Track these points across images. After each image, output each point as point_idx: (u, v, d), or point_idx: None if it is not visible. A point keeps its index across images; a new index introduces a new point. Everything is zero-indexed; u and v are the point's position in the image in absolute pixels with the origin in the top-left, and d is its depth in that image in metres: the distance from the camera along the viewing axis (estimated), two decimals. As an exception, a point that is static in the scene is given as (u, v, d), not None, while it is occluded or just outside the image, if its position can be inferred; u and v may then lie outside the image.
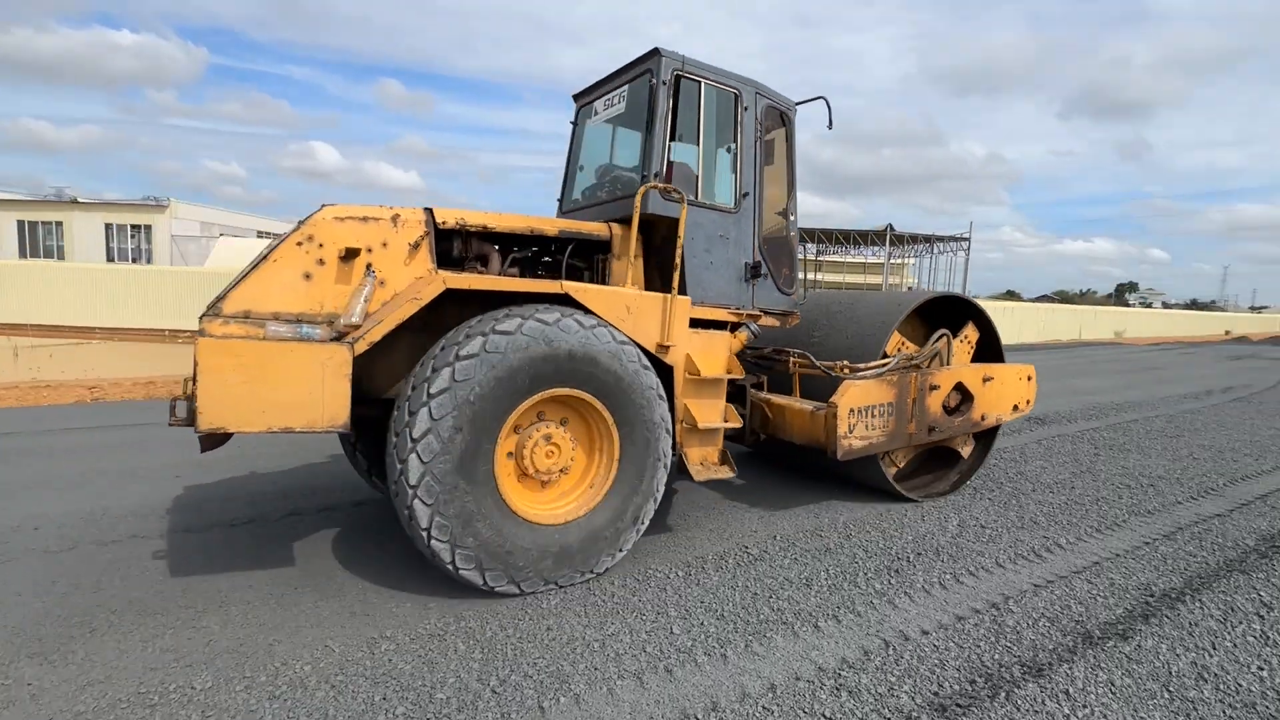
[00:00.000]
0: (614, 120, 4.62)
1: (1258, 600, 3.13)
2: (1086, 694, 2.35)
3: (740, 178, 4.34)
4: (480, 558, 2.99)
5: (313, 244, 3.14)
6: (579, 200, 4.85)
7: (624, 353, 3.36)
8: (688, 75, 4.08)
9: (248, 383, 2.74)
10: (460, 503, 2.94)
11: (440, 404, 2.88)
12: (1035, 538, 4.03)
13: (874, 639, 2.80)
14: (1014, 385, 5.18)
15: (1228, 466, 5.88)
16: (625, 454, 3.40)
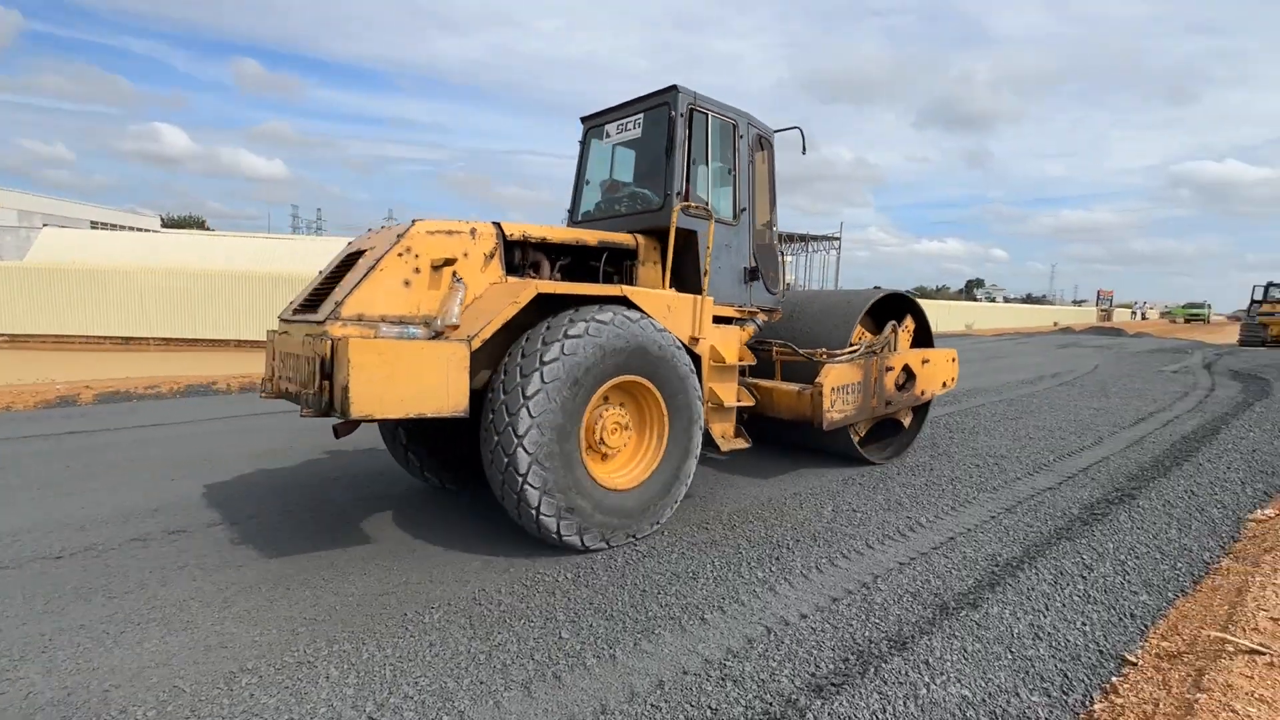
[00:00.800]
0: (627, 143, 5.19)
1: (1081, 563, 3.55)
2: (943, 661, 2.56)
3: (737, 195, 5.06)
4: (578, 524, 3.58)
5: (410, 255, 3.60)
6: (592, 212, 5.42)
7: (672, 345, 4.01)
8: (698, 108, 4.74)
9: (389, 377, 3.14)
10: (560, 480, 3.48)
11: (537, 403, 3.38)
12: (900, 518, 4.35)
13: (757, 626, 2.90)
14: (944, 366, 6.33)
15: (1057, 444, 6.63)
16: (673, 428, 4.06)
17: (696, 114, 4.73)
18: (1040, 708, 2.40)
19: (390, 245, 3.60)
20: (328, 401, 3.18)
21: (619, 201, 5.24)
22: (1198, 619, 3.09)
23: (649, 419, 4.06)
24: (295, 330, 3.71)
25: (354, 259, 3.87)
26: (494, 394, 3.51)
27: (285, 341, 3.77)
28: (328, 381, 3.17)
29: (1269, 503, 4.88)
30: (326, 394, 3.17)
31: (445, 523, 4.16)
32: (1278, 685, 2.39)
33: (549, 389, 3.41)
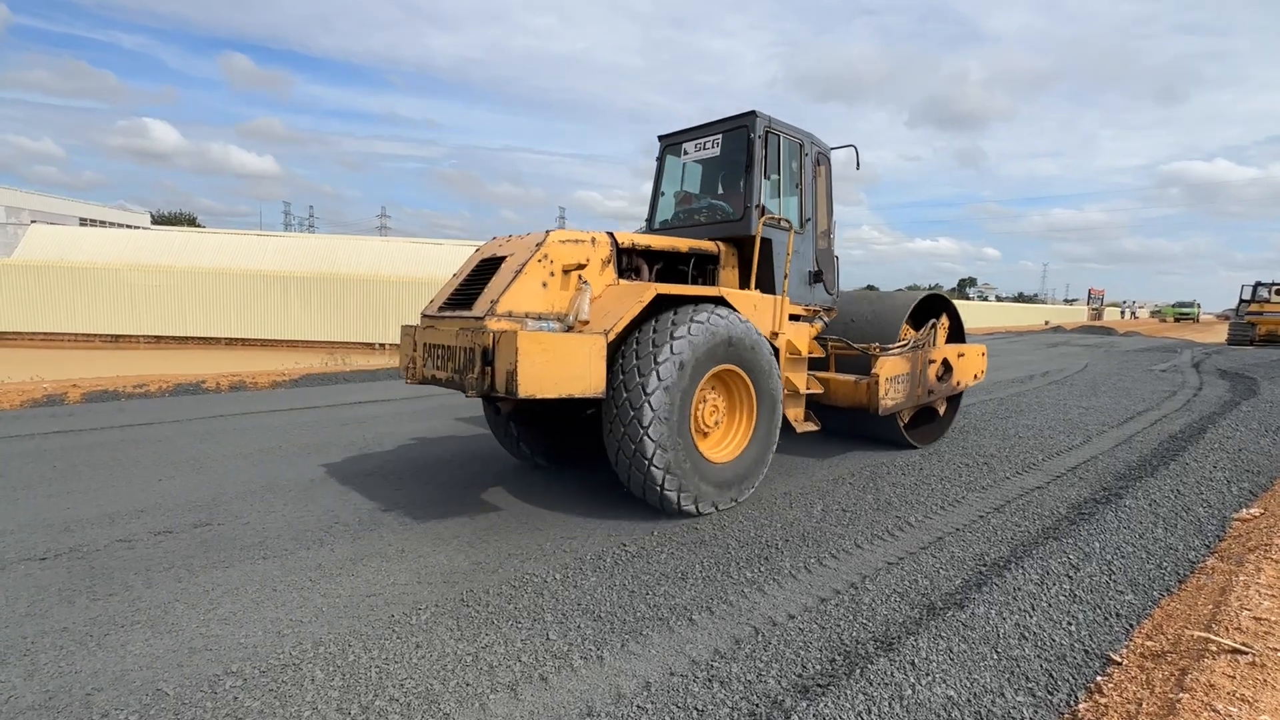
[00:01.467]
0: (705, 160, 5.83)
1: (1067, 563, 3.56)
2: (929, 662, 2.56)
3: (803, 206, 5.69)
4: (693, 495, 4.21)
5: (547, 261, 4.20)
6: (669, 221, 6.04)
7: (760, 338, 4.59)
8: (773, 130, 5.36)
9: (548, 364, 3.66)
10: (677, 460, 4.08)
11: (657, 398, 3.95)
12: (889, 518, 4.36)
13: (745, 627, 2.91)
14: (975, 360, 7.05)
15: (1046, 443, 6.66)
16: (760, 410, 4.66)
17: (771, 135, 5.37)
18: (1025, 708, 2.41)
19: (531, 253, 4.21)
20: (490, 384, 3.72)
21: (697, 212, 5.87)
22: (1182, 618, 3.11)
23: (737, 402, 4.69)
24: (444, 325, 4.29)
25: (489, 264, 4.51)
26: (616, 392, 4.04)
27: (431, 335, 4.32)
28: (489, 368, 3.71)
29: (1254, 502, 4.92)
30: (489, 379, 3.72)
31: (435, 526, 4.14)
32: (1259, 685, 2.41)
33: (666, 384, 4.00)
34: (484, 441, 6.42)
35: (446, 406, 8.48)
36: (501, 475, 5.24)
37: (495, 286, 4.15)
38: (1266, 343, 24.02)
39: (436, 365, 4.24)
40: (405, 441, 6.39)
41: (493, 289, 4.15)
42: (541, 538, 3.92)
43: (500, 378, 3.64)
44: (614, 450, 4.14)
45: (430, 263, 39.38)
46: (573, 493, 4.79)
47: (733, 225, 5.35)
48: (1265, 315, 24.72)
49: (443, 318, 4.42)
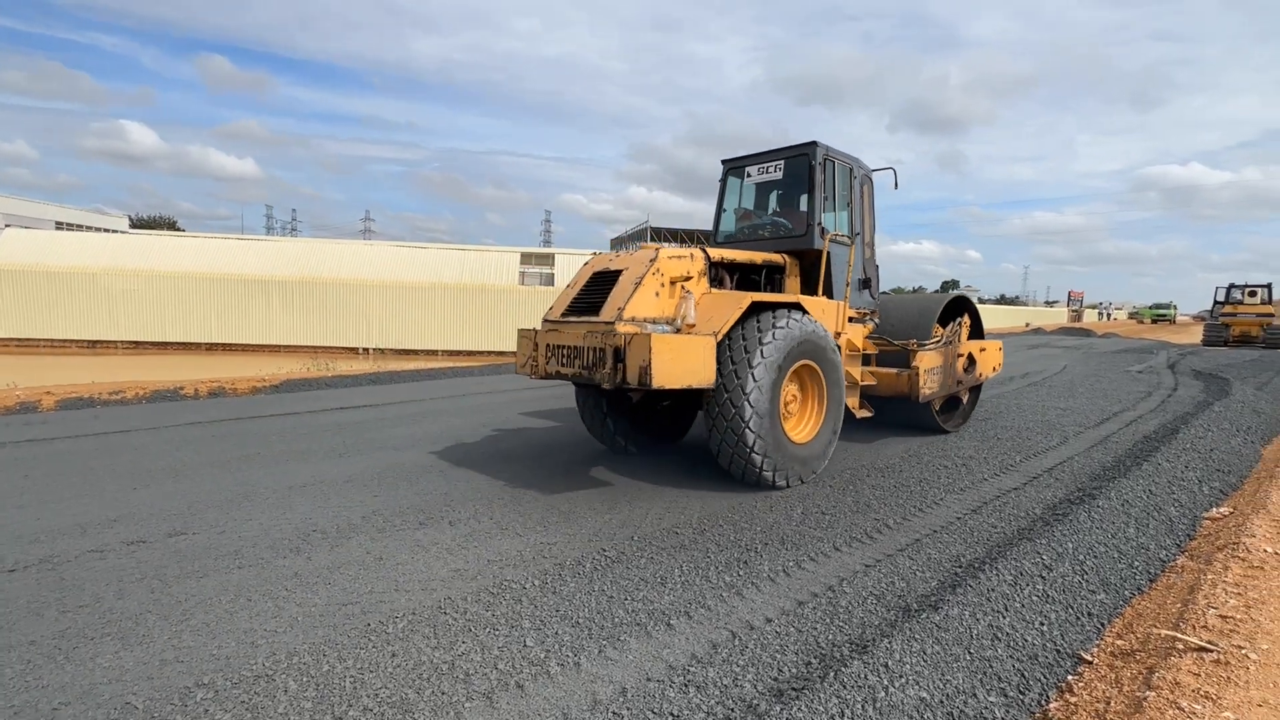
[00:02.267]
0: (767, 184, 6.69)
1: (1040, 563, 3.61)
2: (903, 664, 2.59)
3: (853, 222, 6.43)
4: (783, 473, 4.97)
5: (659, 274, 5.01)
6: (733, 234, 6.87)
7: (829, 337, 5.37)
8: (829, 158, 6.14)
9: (674, 360, 4.37)
10: (770, 444, 4.83)
11: (755, 391, 4.69)
12: (868, 520, 4.40)
13: (722, 631, 2.92)
14: (994, 354, 7.95)
15: (1024, 444, 6.74)
16: (829, 398, 5.42)
17: (827, 161, 6.13)
18: (997, 708, 2.44)
19: (646, 268, 4.99)
20: (623, 378, 4.43)
21: (761, 228, 6.65)
22: (1151, 617, 3.16)
23: (809, 391, 5.45)
24: (568, 329, 5.02)
25: (603, 276, 5.29)
26: (718, 391, 4.75)
27: (555, 337, 5.05)
28: (621, 364, 4.41)
29: (1224, 501, 5.01)
30: (621, 373, 4.43)
31: (414, 534, 4.12)
32: (1223, 682, 2.46)
33: (762, 384, 4.73)
34: (470, 449, 6.40)
35: (432, 411, 8.44)
36: (485, 483, 5.22)
37: (619, 296, 4.93)
38: (1240, 343, 24.48)
39: (561, 363, 4.96)
40: (387, 447, 6.35)
41: (617, 298, 4.92)
42: (521, 544, 3.91)
43: (633, 372, 4.35)
44: (718, 435, 4.86)
45: (416, 267, 39.22)
46: (555, 499, 4.79)
47: (797, 240, 6.15)
48: (1239, 316, 25.20)
49: (568, 322, 5.17)
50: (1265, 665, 2.57)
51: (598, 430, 6.11)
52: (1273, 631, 2.87)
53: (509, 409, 8.74)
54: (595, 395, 5.89)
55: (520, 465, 5.72)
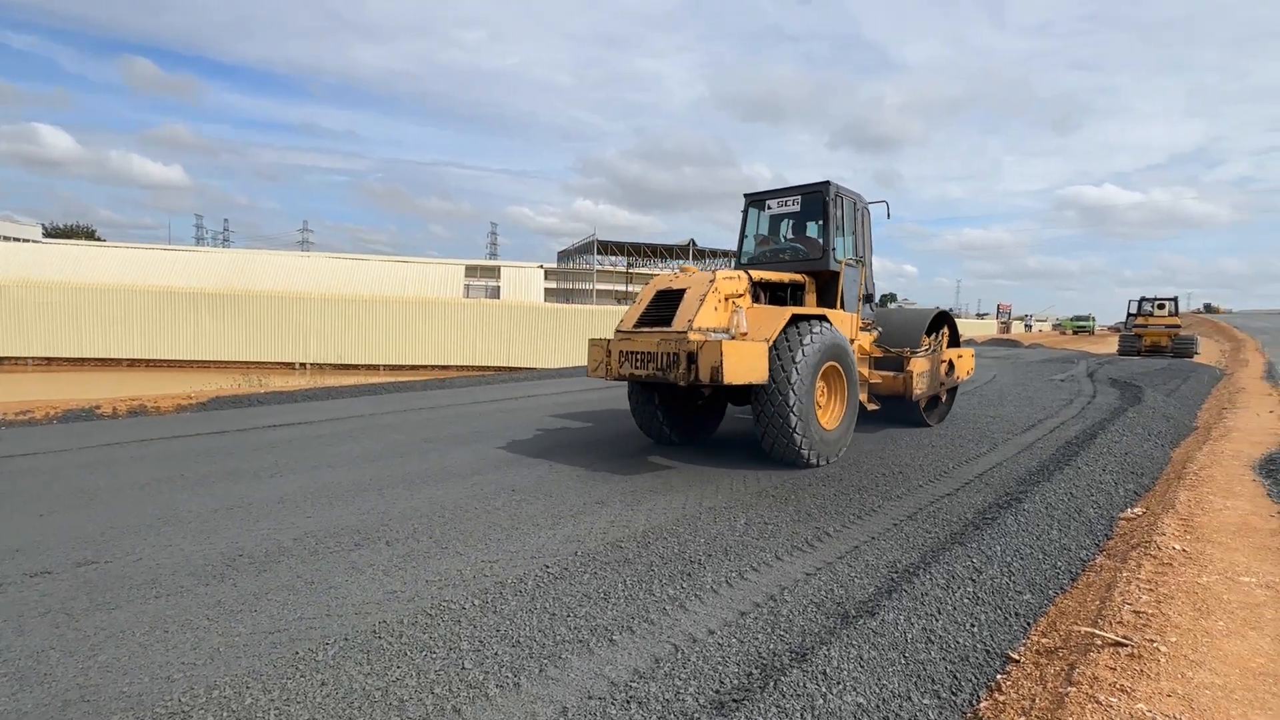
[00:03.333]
0: (785, 215, 7.90)
1: (971, 566, 3.74)
2: (840, 671, 2.63)
3: (857, 247, 7.75)
4: (816, 453, 6.08)
5: (718, 293, 6.11)
6: (755, 257, 7.91)
7: (848, 343, 6.60)
8: (839, 194, 7.33)
9: (739, 361, 5.39)
10: (807, 430, 5.91)
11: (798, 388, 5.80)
12: (809, 529, 4.47)
13: (665, 645, 2.91)
14: (968, 360, 9.24)
15: (956, 451, 7.00)
16: (849, 393, 6.64)
17: (838, 197, 7.30)
18: (931, 709, 2.51)
19: (707, 287, 6.11)
20: (695, 376, 5.39)
21: (781, 252, 7.81)
22: (1073, 615, 3.31)
23: (834, 387, 6.63)
24: (640, 338, 6.04)
25: (667, 294, 6.37)
26: (769, 386, 5.81)
27: (627, 344, 6.03)
28: (694, 365, 5.39)
29: (1138, 502, 5.31)
30: (694, 372, 5.39)
31: (349, 555, 3.97)
32: (1137, 675, 2.59)
33: (804, 380, 5.86)
34: (411, 466, 6.23)
35: (372, 428, 8.19)
36: (425, 501, 5.08)
37: (687, 310, 6.01)
38: (1151, 353, 26.09)
39: (635, 366, 5.92)
40: (322, 466, 6.12)
41: (685, 311, 5.99)
42: (461, 563, 3.81)
43: (705, 371, 5.32)
44: (766, 422, 5.94)
45: (356, 279, 38.23)
46: (497, 515, 4.70)
47: (815, 263, 7.32)
48: (1149, 328, 26.88)
49: (640, 332, 6.19)
50: (1174, 657, 2.72)
51: (648, 424, 7.06)
52: (1181, 625, 3.04)
53: (452, 424, 8.56)
54: (650, 396, 6.92)
55: (463, 482, 5.60)
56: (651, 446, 7.09)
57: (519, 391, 12.32)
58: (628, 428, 8.26)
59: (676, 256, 50.89)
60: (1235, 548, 4.07)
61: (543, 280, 57.01)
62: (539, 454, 6.69)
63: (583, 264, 49.51)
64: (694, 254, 47.38)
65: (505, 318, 28.25)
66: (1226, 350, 28.29)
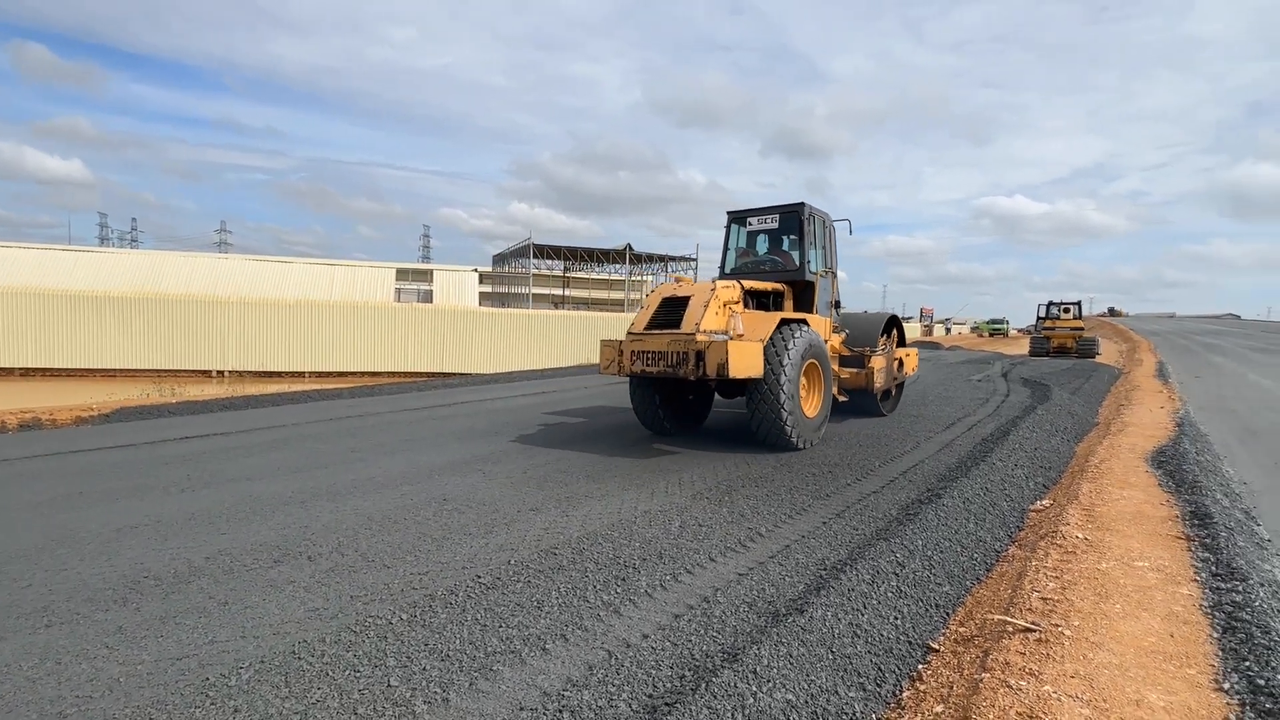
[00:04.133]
0: (763, 230, 8.90)
1: (895, 561, 3.89)
2: (770, 669, 2.68)
3: (826, 260, 8.86)
4: (801, 437, 7.04)
5: (718, 299, 7.01)
6: (737, 268, 8.91)
7: (824, 343, 7.72)
8: (812, 214, 8.44)
9: (741, 358, 6.32)
10: (794, 417, 6.91)
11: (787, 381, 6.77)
12: (742, 530, 4.54)
13: (599, 651, 2.89)
14: (914, 359, 10.67)
15: (882, 450, 7.27)
16: (825, 386, 7.72)
17: (811, 216, 8.41)
18: (857, 702, 2.58)
19: (709, 295, 7.04)
20: (703, 372, 6.28)
21: (761, 264, 8.84)
22: (988, 604, 3.48)
23: (812, 381, 7.67)
24: (651, 338, 6.94)
25: (672, 301, 7.32)
26: (764, 379, 6.78)
27: (639, 344, 6.95)
28: (702, 362, 6.28)
29: (1046, 494, 5.64)
30: (702, 368, 6.29)
31: (268, 573, 3.79)
32: (1044, 659, 2.74)
33: (791, 374, 6.87)
34: (336, 477, 5.99)
35: (294, 438, 7.83)
36: (350, 513, 4.90)
37: (693, 314, 6.91)
38: (1059, 353, 27.82)
39: (646, 363, 6.83)
40: (239, 479, 5.81)
41: (692, 316, 6.90)
42: (389, 576, 3.69)
43: (712, 367, 6.25)
44: (760, 411, 6.91)
45: (280, 282, 36.69)
46: (428, 526, 4.57)
47: (793, 274, 8.41)
48: (1056, 330, 28.65)
49: (650, 334, 7.08)
50: (1076, 640, 2.89)
51: (648, 417, 7.95)
52: (1083, 609, 3.24)
53: (381, 433, 8.29)
54: (650, 392, 7.81)
55: (391, 492, 5.42)
56: (585, 449, 7.06)
57: (452, 398, 12.05)
58: (564, 433, 8.20)
59: (613, 261, 50.98)
60: (1131, 535, 4.38)
61: (477, 284, 56.09)
62: (471, 462, 6.56)
63: (518, 268, 48.93)
64: (630, 258, 47.57)
65: (438, 322, 27.60)
66: (1124, 351, 30.48)
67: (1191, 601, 3.36)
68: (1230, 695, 2.51)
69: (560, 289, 58.98)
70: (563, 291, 58.88)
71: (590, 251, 48.44)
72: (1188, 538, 4.30)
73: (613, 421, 9.17)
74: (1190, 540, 4.25)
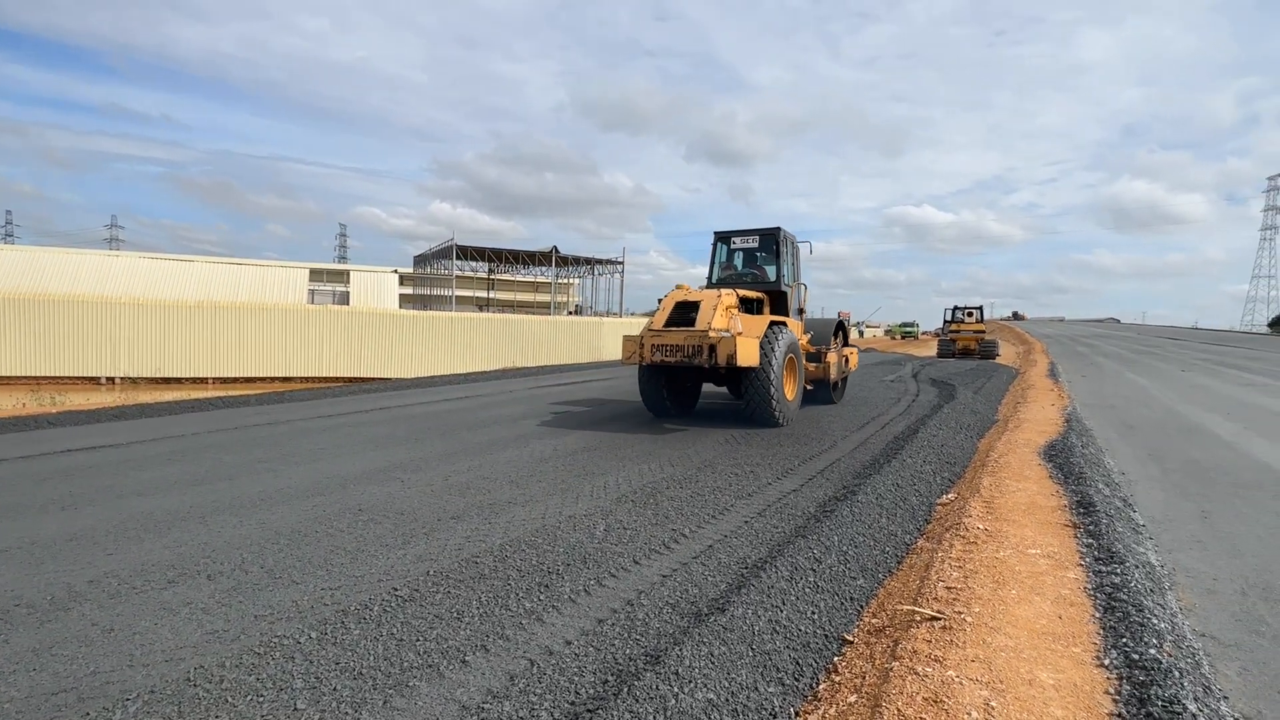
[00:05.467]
0: (744, 248, 10.84)
1: (812, 557, 4.01)
2: (692, 670, 2.71)
3: (794, 273, 10.80)
4: (784, 414, 8.93)
5: (723, 304, 8.69)
6: (725, 279, 10.63)
7: (798, 341, 9.78)
8: (785, 236, 10.35)
9: (744, 351, 8.08)
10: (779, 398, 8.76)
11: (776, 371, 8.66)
12: (666, 531, 4.58)
13: (521, 661, 2.84)
14: (856, 356, 12.83)
15: (801, 450, 7.50)
16: (799, 376, 9.71)
17: (785, 238, 10.40)
18: (776, 697, 2.64)
19: (716, 300, 8.68)
20: (714, 361, 8.04)
21: (743, 276, 10.75)
22: (898, 595, 3.64)
23: (791, 371, 9.47)
24: (669, 334, 8.61)
25: (686, 304, 9.04)
26: (759, 368, 8.53)
27: (658, 339, 8.66)
28: (714, 353, 8.01)
29: (952, 488, 5.97)
30: (714, 359, 8.04)
31: (161, 595, 3.52)
32: (948, 645, 2.89)
33: (778, 365, 8.63)
34: (241, 489, 5.64)
35: (195, 449, 7.33)
36: (256, 527, 4.62)
37: (704, 315, 8.58)
38: (964, 355, 29.56)
39: (664, 355, 8.61)
40: (129, 494, 5.38)
41: (704, 316, 8.58)
42: (298, 593, 3.50)
43: (722, 357, 7.99)
44: (754, 394, 8.75)
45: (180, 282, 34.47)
46: (341, 538, 4.37)
47: (771, 285, 10.44)
48: (961, 333, 30.44)
49: (668, 331, 8.76)
50: (977, 626, 3.07)
51: (655, 402, 9.70)
52: (983, 596, 3.44)
53: (292, 441, 7.88)
54: (657, 382, 9.54)
55: (302, 503, 5.16)
56: (510, 454, 6.94)
57: (370, 404, 11.60)
58: (488, 439, 8.05)
59: (539, 263, 50.46)
60: (1025, 524, 4.69)
61: (397, 285, 54.27)
62: (389, 469, 6.33)
63: (441, 269, 47.66)
64: (556, 261, 47.22)
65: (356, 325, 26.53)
66: (1020, 352, 32.71)
67: (1077, 585, 3.63)
68: (1110, 670, 2.72)
69: (485, 291, 57.88)
70: (488, 294, 57.80)
71: (516, 253, 47.76)
72: (1074, 525, 4.64)
73: (539, 425, 9.07)
74: (1076, 528, 4.59)
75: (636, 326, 31.91)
